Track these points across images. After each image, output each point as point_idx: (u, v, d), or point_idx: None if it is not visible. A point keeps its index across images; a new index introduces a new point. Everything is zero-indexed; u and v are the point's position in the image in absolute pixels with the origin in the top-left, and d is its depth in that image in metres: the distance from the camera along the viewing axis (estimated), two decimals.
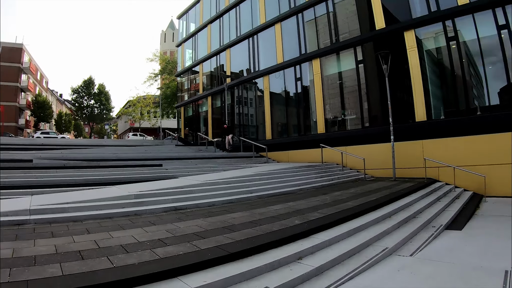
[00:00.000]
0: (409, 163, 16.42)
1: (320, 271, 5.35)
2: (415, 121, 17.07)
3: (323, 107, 21.14)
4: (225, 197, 10.58)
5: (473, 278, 5.61)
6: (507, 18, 14.95)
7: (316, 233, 6.70)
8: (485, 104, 15.88)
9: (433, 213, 10.22)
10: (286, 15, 23.60)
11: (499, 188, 14.30)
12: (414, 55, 17.25)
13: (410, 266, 6.13)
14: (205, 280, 4.28)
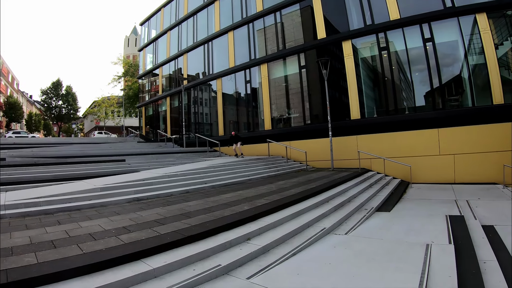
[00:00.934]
0: (346, 155, 16.84)
1: (266, 249, 5.55)
2: (351, 119, 17.62)
3: (269, 107, 21.24)
4: (182, 187, 10.45)
5: (398, 251, 5.89)
6: (432, 32, 15.88)
7: (263, 217, 6.80)
8: (413, 105, 16.63)
9: (365, 197, 10.51)
10: (239, 24, 23.39)
11: (422, 176, 15.34)
12: (350, 62, 17.79)
13: (345, 243, 6.35)
14: (166, 261, 4.43)
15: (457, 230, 7.48)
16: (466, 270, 5.19)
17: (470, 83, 15.39)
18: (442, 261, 5.36)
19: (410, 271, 4.90)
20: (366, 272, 4.95)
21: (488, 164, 14.36)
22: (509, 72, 15.31)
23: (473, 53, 15.62)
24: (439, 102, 15.87)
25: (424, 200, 11.60)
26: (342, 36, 18.21)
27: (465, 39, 15.55)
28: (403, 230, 7.51)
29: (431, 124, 15.38)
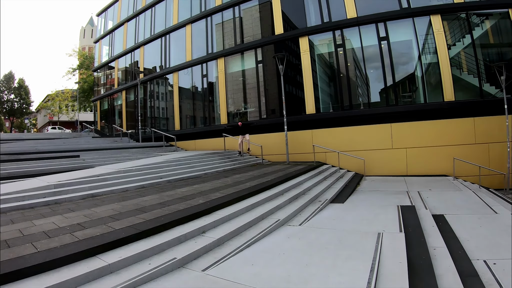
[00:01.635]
0: (301, 149, 16.66)
1: (221, 241, 5.54)
2: (306, 114, 17.52)
3: (225, 101, 20.71)
4: (138, 182, 10.08)
5: (351, 240, 6.01)
6: (387, 31, 16.11)
7: (218, 210, 6.76)
8: (368, 101, 16.89)
9: (320, 189, 10.50)
10: (197, 18, 22.59)
11: (376, 169, 15.68)
12: (306, 58, 17.68)
13: (298, 233, 6.41)
14: (121, 256, 4.35)
15: (408, 219, 7.63)
16: (416, 256, 5.35)
17: (423, 81, 15.81)
18: (393, 248, 5.47)
19: (362, 259, 4.98)
20: (319, 260, 4.97)
21: (439, 157, 14.83)
22: (460, 72, 15.76)
23: (426, 52, 16.00)
24: (393, 98, 16.17)
25: (377, 192, 11.84)
26: (299, 32, 18.12)
27: (419, 39, 15.93)
28: (356, 220, 7.62)
29: (384, 119, 15.67)
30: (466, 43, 15.92)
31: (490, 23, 16.26)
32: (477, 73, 15.44)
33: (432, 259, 5.35)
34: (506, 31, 15.76)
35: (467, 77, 15.71)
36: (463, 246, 6.35)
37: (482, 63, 15.64)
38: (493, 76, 14.39)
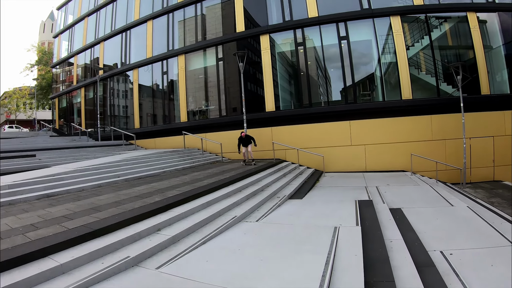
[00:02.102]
0: (261, 146, 16.24)
1: (176, 239, 5.51)
2: (265, 111, 17.40)
3: (185, 99, 20.22)
4: (95, 181, 9.87)
5: (307, 234, 6.06)
6: (347, 31, 16.29)
7: (174, 207, 6.71)
8: (328, 99, 17.14)
9: (278, 186, 10.52)
10: (158, 14, 22.01)
11: (335, 165, 15.94)
12: (267, 56, 17.58)
13: (255, 229, 6.44)
14: (73, 256, 4.26)
15: (365, 213, 7.73)
16: (372, 249, 5.44)
17: (382, 80, 16.08)
18: (349, 242, 5.57)
19: (318, 252, 5.02)
20: (274, 255, 5.00)
21: (397, 153, 15.16)
22: (418, 71, 16.14)
23: (385, 52, 16.28)
24: (352, 96, 16.32)
25: (336, 187, 11.91)
26: (261, 30, 18.00)
27: (379, 39, 16.20)
28: (313, 215, 7.64)
29: (343, 117, 15.88)
30: (424, 44, 16.31)
31: (449, 26, 16.78)
32: (434, 73, 15.82)
33: (388, 251, 5.43)
34: (465, 33, 16.30)
35: (425, 77, 16.11)
36: (420, 238, 6.50)
37: (440, 64, 16.08)
38: (450, 76, 14.83)
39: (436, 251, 5.90)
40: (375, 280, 4.43)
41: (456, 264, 5.37)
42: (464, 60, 16.19)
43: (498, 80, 16.71)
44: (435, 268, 5.15)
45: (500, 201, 11.20)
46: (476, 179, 15.27)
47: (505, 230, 7.22)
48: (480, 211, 8.92)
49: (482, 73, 15.83)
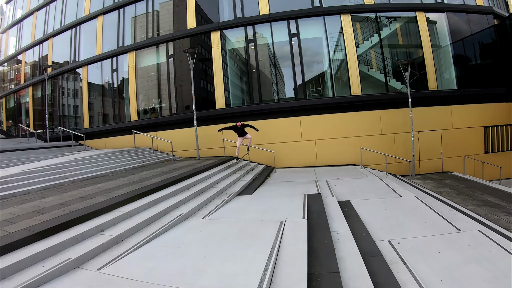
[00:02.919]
0: (212, 143, 16.31)
1: (120, 239, 5.39)
2: (216, 108, 17.16)
3: (136, 97, 19.62)
4: (41, 184, 9.32)
5: (252, 229, 6.04)
6: (298, 28, 16.31)
7: (119, 207, 6.53)
8: (278, 95, 17.17)
9: (228, 183, 10.44)
10: (109, 9, 21.20)
11: (287, 161, 16.00)
12: (217, 53, 17.34)
13: (200, 226, 6.40)
14: (13, 260, 4.13)
15: (313, 206, 7.78)
16: (318, 241, 5.52)
17: (331, 76, 16.26)
18: (294, 235, 5.61)
19: (261, 247, 5.04)
20: (217, 251, 5.00)
21: (348, 147, 15.37)
22: (368, 68, 16.39)
23: (336, 49, 16.47)
24: (302, 92, 16.36)
25: (286, 182, 11.85)
26: (211, 27, 17.76)
27: (329, 37, 16.31)
28: (260, 210, 7.61)
29: (294, 113, 15.92)
30: (374, 42, 16.67)
31: (399, 24, 17.21)
32: (383, 70, 16.16)
33: (335, 242, 5.53)
34: (414, 32, 16.78)
35: (374, 73, 16.43)
36: (368, 229, 6.61)
37: (390, 61, 16.43)
38: (399, 73, 15.15)
39: (384, 240, 6.00)
40: (319, 272, 4.45)
41: (403, 252, 5.48)
42: (413, 58, 16.78)
43: (446, 78, 17.33)
44: (382, 257, 5.21)
45: (449, 190, 11.51)
46: (426, 170, 15.81)
47: (452, 218, 7.47)
48: (428, 200, 9.17)
49: (429, 71, 16.38)
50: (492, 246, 5.76)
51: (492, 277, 4.72)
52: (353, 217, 7.39)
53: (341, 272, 4.48)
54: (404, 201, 8.89)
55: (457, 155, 15.98)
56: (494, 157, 16.76)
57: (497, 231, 6.66)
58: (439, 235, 6.30)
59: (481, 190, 11.45)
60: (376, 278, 4.46)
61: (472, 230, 6.62)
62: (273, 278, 4.13)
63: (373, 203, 8.67)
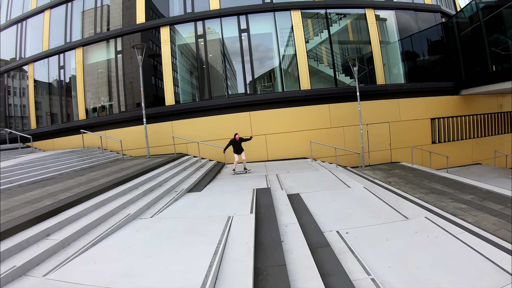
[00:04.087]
0: (163, 141, 16.06)
1: (66, 243, 5.25)
2: (165, 105, 16.86)
3: (84, 94, 18.89)
4: None
5: (199, 226, 6.03)
6: (248, 24, 16.31)
7: (65, 210, 6.34)
8: (228, 91, 16.94)
9: (177, 180, 10.33)
10: (57, 3, 20.23)
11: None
12: (167, 48, 17.03)
13: (148, 225, 6.30)
14: None
15: (262, 201, 7.86)
16: (266, 235, 5.60)
17: (281, 71, 16.42)
18: (241, 230, 5.66)
19: (208, 243, 5.04)
20: (163, 250, 4.95)
21: (298, 141, 15.54)
22: (318, 64, 16.61)
23: (285, 45, 16.59)
24: (252, 88, 16.42)
25: (236, 178, 11.88)
26: (161, 22, 17.40)
27: (279, 32, 16.40)
28: (209, 207, 7.60)
29: (244, 108, 15.93)
30: (323, 38, 16.89)
31: (349, 21, 17.54)
32: (332, 65, 16.47)
33: (282, 235, 5.62)
34: (365, 29, 17.21)
35: (324, 68, 16.69)
36: (316, 220, 6.73)
37: (339, 56, 16.73)
38: (348, 68, 15.40)
39: (333, 231, 6.16)
40: (266, 266, 4.50)
41: (352, 242, 5.66)
42: (363, 54, 17.20)
43: (395, 73, 17.84)
44: (330, 248, 5.34)
45: (397, 180, 11.79)
46: (375, 161, 16.35)
47: (400, 206, 7.78)
48: (377, 190, 9.47)
49: (378, 66, 16.87)
50: (438, 232, 6.10)
51: (438, 261, 4.96)
52: (302, 209, 7.48)
53: (288, 264, 4.53)
54: (353, 192, 9.10)
55: (406, 146, 16.54)
56: (441, 147, 17.54)
57: (443, 217, 6.98)
58: (387, 223, 6.52)
59: (428, 178, 11.86)
60: (323, 269, 4.55)
61: (419, 217, 6.92)
62: (218, 274, 4.15)
63: (322, 195, 8.83)
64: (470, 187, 10.13)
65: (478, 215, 7.26)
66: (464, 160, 18.43)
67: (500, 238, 5.87)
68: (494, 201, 8.44)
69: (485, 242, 5.65)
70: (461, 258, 5.05)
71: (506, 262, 4.86)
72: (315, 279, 4.17)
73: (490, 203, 8.23)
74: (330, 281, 4.29)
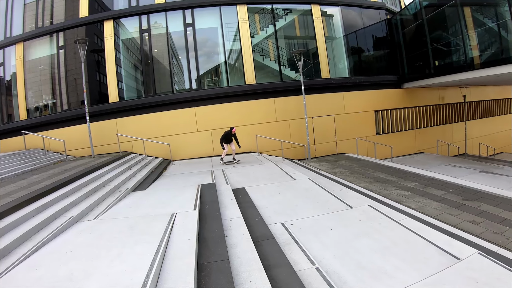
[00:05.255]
0: (107, 139, 15.68)
1: (7, 251, 5.00)
2: (109, 102, 16.48)
3: (24, 93, 18.09)
4: None
5: (142, 225, 5.93)
6: (193, 18, 16.26)
7: (5, 216, 5.96)
8: (174, 87, 16.89)
9: (122, 179, 10.17)
10: None
11: (184, 152, 15.94)
12: (110, 43, 16.62)
13: (91, 227, 6.12)
14: None
15: (206, 196, 7.89)
16: (209, 230, 5.59)
17: (226, 66, 16.55)
18: (184, 227, 5.60)
19: (150, 242, 4.96)
20: (106, 252, 4.82)
21: (244, 135, 15.49)
22: (263, 58, 16.84)
23: (231, 39, 16.71)
24: (198, 83, 16.43)
25: (182, 174, 11.75)
26: (104, 16, 16.90)
27: (225, 27, 16.47)
28: (153, 205, 7.50)
29: (189, 103, 15.88)
30: (269, 33, 17.15)
31: (295, 16, 17.92)
32: (277, 59, 16.80)
33: (226, 230, 5.65)
34: (312, 24, 17.65)
35: (270, 63, 16.96)
36: (261, 213, 6.79)
37: (284, 51, 17.08)
38: (294, 62, 15.73)
39: (277, 223, 6.24)
40: (209, 261, 4.49)
41: (296, 233, 5.75)
42: (309, 49, 17.63)
43: (341, 67, 18.43)
44: (274, 240, 5.39)
45: (343, 170, 12.16)
46: (321, 153, 16.83)
47: (344, 196, 7.99)
48: (322, 181, 9.69)
49: (322, 60, 17.36)
50: (382, 219, 6.32)
51: (382, 247, 5.14)
52: (247, 203, 7.57)
53: (231, 258, 4.57)
54: (298, 184, 9.28)
55: (351, 137, 17.18)
56: (386, 138, 18.35)
57: (387, 204, 7.28)
58: (331, 213, 6.69)
59: (373, 168, 12.32)
60: (268, 261, 4.62)
61: (363, 205, 7.17)
62: (160, 272, 4.13)
63: (267, 188, 8.96)
64: (413, 175, 10.65)
65: (421, 201, 7.62)
66: (408, 150, 19.38)
67: (443, 222, 6.18)
68: (437, 187, 8.89)
69: (428, 226, 5.90)
70: (404, 243, 5.26)
71: (448, 245, 5.11)
72: (259, 271, 4.23)
73: (433, 189, 8.67)
74: (275, 273, 4.36)
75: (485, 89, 24.03)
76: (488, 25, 14.13)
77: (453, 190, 8.56)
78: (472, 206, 7.10)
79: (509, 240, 5.33)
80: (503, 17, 13.00)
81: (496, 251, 4.92)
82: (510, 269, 4.36)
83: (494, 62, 13.66)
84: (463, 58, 15.25)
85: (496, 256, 4.75)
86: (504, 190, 8.38)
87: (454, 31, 15.66)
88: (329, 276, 4.38)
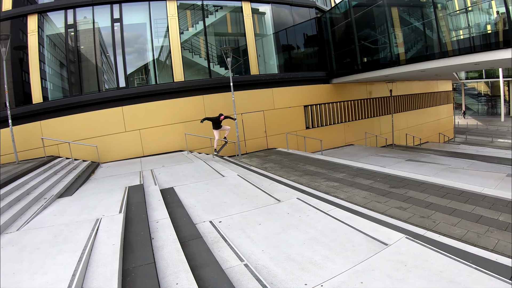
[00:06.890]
0: (32, 144, 14.97)
1: None
2: (32, 103, 15.74)
3: None
4: None
5: (66, 233, 5.69)
6: (121, 13, 15.99)
7: None
8: (102, 85, 16.59)
9: (47, 185, 9.76)
10: None
11: (112, 154, 15.51)
12: (34, 39, 15.81)
13: (14, 240, 5.72)
14: None
15: (134, 198, 7.76)
16: (135, 234, 5.50)
17: (154, 63, 16.54)
18: (108, 232, 5.49)
19: (73, 250, 4.78)
20: (27, 264, 4.55)
21: (173, 134, 15.82)
22: (192, 55, 17.05)
23: (160, 36, 16.72)
24: (124, 81, 16.24)
25: (111, 177, 11.51)
26: (28, 10, 15.92)
27: (154, 23, 16.42)
28: (78, 211, 7.24)
29: (116, 102, 15.64)
30: (199, 29, 17.40)
31: (227, 12, 18.29)
32: (207, 56, 17.16)
33: (153, 232, 5.59)
34: (242, 21, 18.18)
35: (199, 60, 17.23)
36: (189, 213, 6.83)
37: (215, 48, 17.44)
38: (224, 59, 15.98)
39: (206, 222, 6.31)
40: (134, 266, 4.44)
41: (224, 230, 5.85)
42: (238, 46, 18.09)
43: (271, 64, 19.11)
44: (202, 239, 5.43)
45: (273, 165, 12.58)
46: (252, 149, 17.41)
47: (273, 190, 8.26)
48: (251, 177, 9.95)
49: (252, 57, 17.92)
50: (310, 211, 6.53)
51: (310, 238, 5.33)
52: (175, 203, 7.58)
53: (157, 261, 4.55)
54: (227, 181, 9.49)
55: (281, 132, 17.87)
56: (315, 132, 19.37)
57: (316, 196, 7.66)
58: (260, 208, 6.90)
59: (303, 161, 12.86)
60: (195, 261, 4.64)
61: (291, 198, 7.45)
62: (84, 282, 4.03)
63: (196, 186, 9.07)
64: (342, 166, 11.28)
65: (349, 191, 8.10)
66: (337, 142, 20.59)
67: (371, 210, 6.58)
68: (365, 176, 9.51)
69: (356, 215, 6.17)
70: (332, 233, 5.44)
71: (376, 231, 5.38)
72: (185, 272, 4.22)
73: (361, 179, 9.26)
74: (202, 272, 4.36)
75: (410, 84, 26.05)
76: (414, 24, 15.41)
77: (380, 178, 9.21)
78: (399, 193, 7.70)
79: (435, 222, 5.82)
80: (429, 17, 14.24)
81: (423, 234, 5.30)
82: (437, 250, 4.68)
83: (419, 58, 14.96)
84: (389, 55, 16.51)
85: (423, 239, 5.09)
86: (429, 176, 9.27)
87: (382, 29, 16.85)
88: (258, 272, 4.43)
